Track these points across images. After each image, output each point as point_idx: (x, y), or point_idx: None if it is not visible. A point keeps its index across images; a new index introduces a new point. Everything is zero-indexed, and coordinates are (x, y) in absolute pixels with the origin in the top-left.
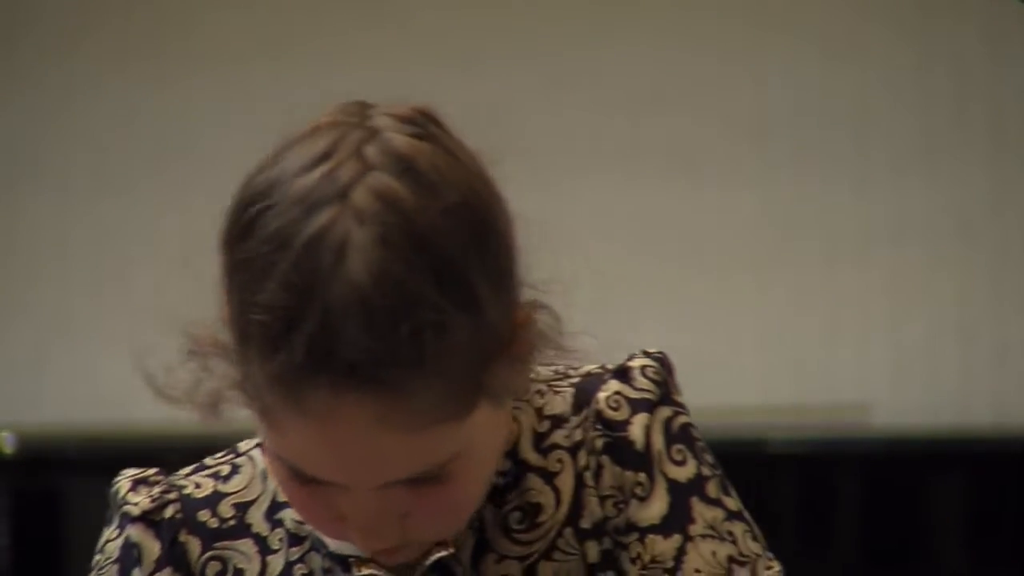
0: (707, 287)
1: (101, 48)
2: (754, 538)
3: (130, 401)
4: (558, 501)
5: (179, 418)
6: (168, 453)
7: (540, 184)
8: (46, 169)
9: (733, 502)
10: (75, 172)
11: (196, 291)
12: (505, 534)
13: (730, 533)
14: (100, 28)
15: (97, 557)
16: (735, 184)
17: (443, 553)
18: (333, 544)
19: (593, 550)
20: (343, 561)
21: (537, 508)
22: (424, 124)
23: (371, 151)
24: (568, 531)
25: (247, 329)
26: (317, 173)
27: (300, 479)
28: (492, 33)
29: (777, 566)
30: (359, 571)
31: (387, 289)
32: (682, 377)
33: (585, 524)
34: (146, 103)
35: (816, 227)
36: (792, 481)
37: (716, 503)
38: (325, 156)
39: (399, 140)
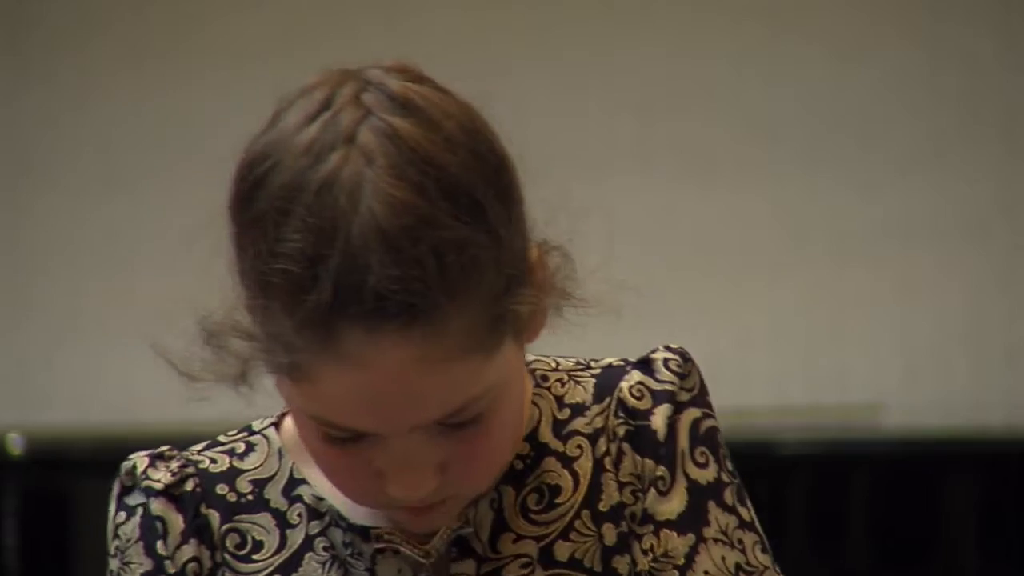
0: (717, 288)
1: (109, 48)
2: (763, 550)
3: (137, 402)
4: (576, 484)
5: (187, 418)
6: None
7: (552, 185)
8: (55, 169)
9: (747, 512)
10: (84, 172)
11: (203, 287)
12: (523, 515)
13: (740, 542)
14: (108, 28)
15: (115, 543)
16: (745, 185)
17: (465, 529)
18: (354, 516)
19: (610, 533)
20: (364, 532)
21: (555, 490)
22: (412, 70)
23: (368, 97)
24: (585, 513)
25: (270, 281)
26: (318, 123)
27: (333, 439)
28: (504, 36)
29: None
30: (380, 539)
31: (405, 217)
32: None
33: (603, 507)
34: (154, 103)
35: (826, 228)
36: (804, 482)
37: (731, 510)
38: (324, 107)
39: (394, 83)
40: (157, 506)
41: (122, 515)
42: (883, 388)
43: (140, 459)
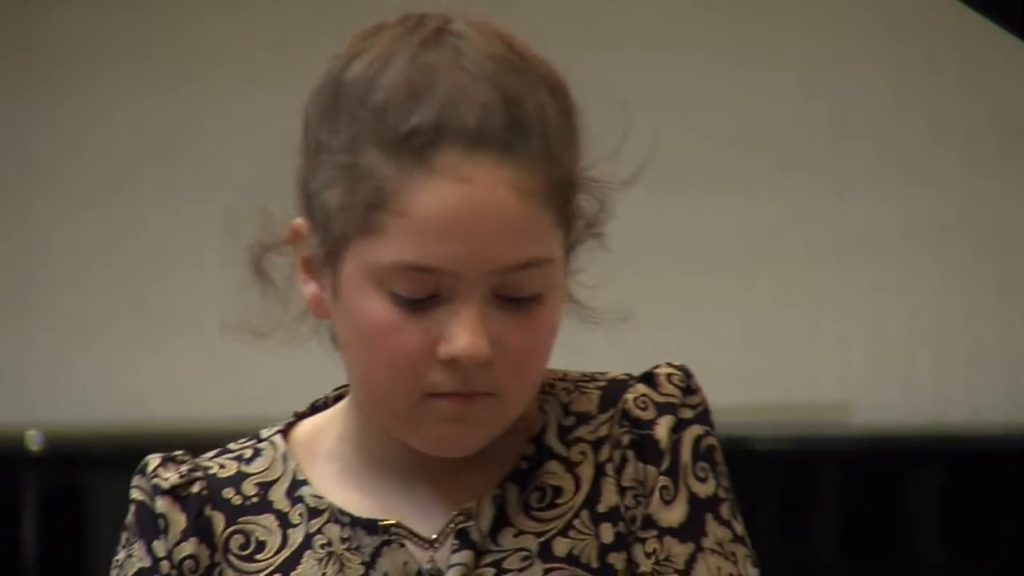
0: (694, 291)
1: (112, 56)
2: (753, 564)
3: (149, 401)
4: (577, 487)
5: (195, 416)
6: (185, 450)
7: None
8: (63, 178)
9: (739, 527)
10: (90, 181)
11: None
12: (525, 512)
13: (733, 554)
14: (110, 38)
15: (124, 534)
16: (722, 193)
17: (467, 523)
18: (359, 511)
19: (607, 532)
20: (369, 525)
21: (557, 491)
22: None
23: (452, 17)
24: (584, 513)
25: (371, 111)
26: (407, 24)
27: (401, 303)
28: None
29: None
30: (387, 531)
31: (509, 69)
32: None
33: (601, 509)
34: (158, 111)
35: (798, 233)
36: (775, 477)
37: (726, 524)
38: (408, 17)
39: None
40: (162, 504)
41: (131, 508)
42: (852, 387)
43: (153, 459)
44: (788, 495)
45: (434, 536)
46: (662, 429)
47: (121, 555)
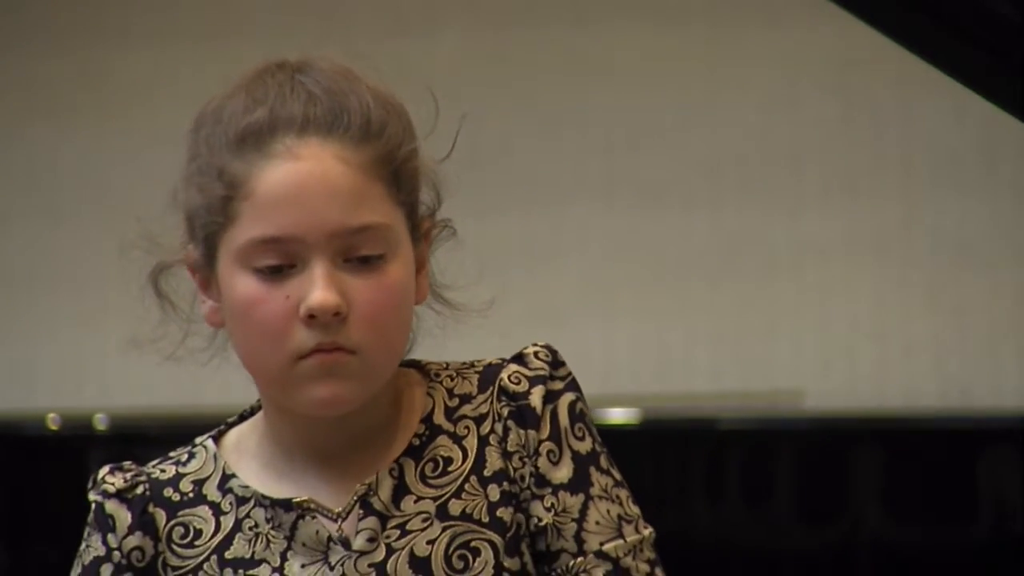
0: (668, 295)
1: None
2: (634, 502)
3: (203, 387)
4: (465, 456)
5: (243, 400)
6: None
7: (534, 210)
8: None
9: (617, 474)
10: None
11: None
12: (422, 480)
13: (618, 497)
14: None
15: (86, 529)
16: (692, 211)
17: (368, 494)
18: (277, 494)
19: (494, 491)
20: (286, 504)
21: (448, 460)
22: None
23: (304, 56)
24: (473, 478)
25: (218, 124)
26: (264, 64)
27: (261, 275)
28: (496, 88)
29: (651, 528)
30: (300, 507)
31: (339, 75)
32: (648, 369)
33: (487, 473)
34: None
35: (758, 245)
36: (737, 455)
37: (607, 473)
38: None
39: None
40: (110, 505)
41: (92, 509)
42: (803, 377)
43: (103, 469)
44: (749, 470)
45: (339, 509)
46: (536, 398)
47: (82, 547)
